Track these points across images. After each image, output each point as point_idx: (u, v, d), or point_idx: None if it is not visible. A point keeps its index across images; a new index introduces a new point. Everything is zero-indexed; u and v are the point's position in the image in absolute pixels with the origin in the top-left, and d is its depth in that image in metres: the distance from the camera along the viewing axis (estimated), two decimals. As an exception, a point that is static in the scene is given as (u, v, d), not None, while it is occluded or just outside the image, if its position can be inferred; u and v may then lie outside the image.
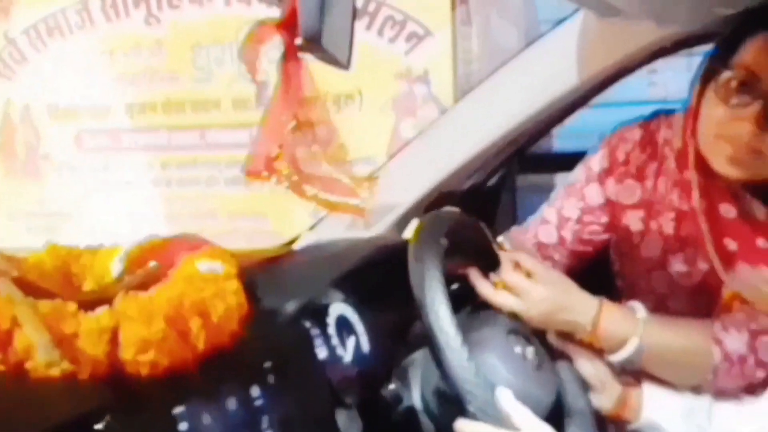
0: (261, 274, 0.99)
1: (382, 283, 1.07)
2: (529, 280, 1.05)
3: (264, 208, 2.40)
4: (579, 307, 1.06)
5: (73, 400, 0.61)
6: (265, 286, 0.97)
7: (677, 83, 1.38)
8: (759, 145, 1.00)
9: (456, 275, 1.12)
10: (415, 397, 1.01)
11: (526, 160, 1.99)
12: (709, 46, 1.10)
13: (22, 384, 0.63)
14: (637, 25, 1.06)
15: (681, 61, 1.39)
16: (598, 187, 1.21)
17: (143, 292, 0.73)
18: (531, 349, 1.01)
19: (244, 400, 0.78)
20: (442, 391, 0.95)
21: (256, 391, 0.80)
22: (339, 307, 1.09)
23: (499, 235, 1.33)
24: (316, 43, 0.62)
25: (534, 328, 1.06)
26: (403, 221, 1.33)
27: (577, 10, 1.15)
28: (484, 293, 1.06)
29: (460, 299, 1.11)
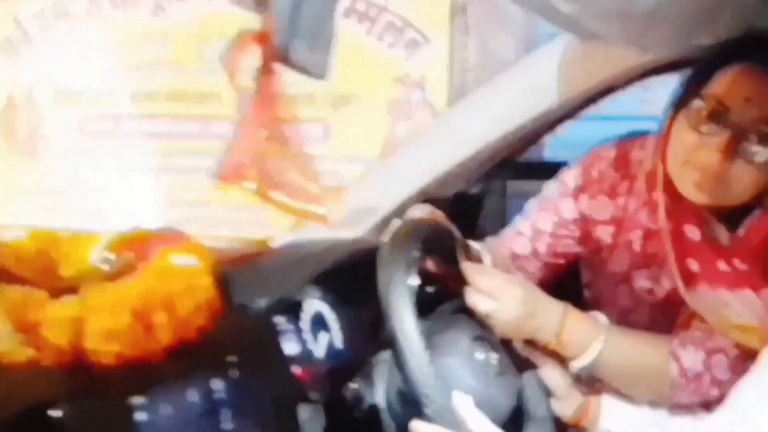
0: (237, 270, 1.02)
1: (360, 283, 1.10)
2: (501, 282, 1.08)
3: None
4: (547, 311, 1.09)
5: (34, 388, 0.64)
6: (240, 281, 1.00)
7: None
8: (724, 174, 1.03)
9: (434, 277, 1.15)
10: (378, 396, 1.03)
11: (518, 167, 2.03)
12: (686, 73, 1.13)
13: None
14: (617, 50, 1.08)
15: (674, 79, 1.41)
16: (572, 202, 1.24)
17: (112, 283, 0.76)
18: (495, 355, 1.04)
19: (205, 392, 0.81)
20: (405, 392, 0.98)
21: (218, 384, 0.83)
22: (315, 304, 1.13)
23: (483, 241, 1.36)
24: (285, 61, 0.65)
25: (502, 337, 1.09)
26: (385, 224, 1.35)
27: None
28: (466, 293, 1.08)
29: (435, 302, 1.15)
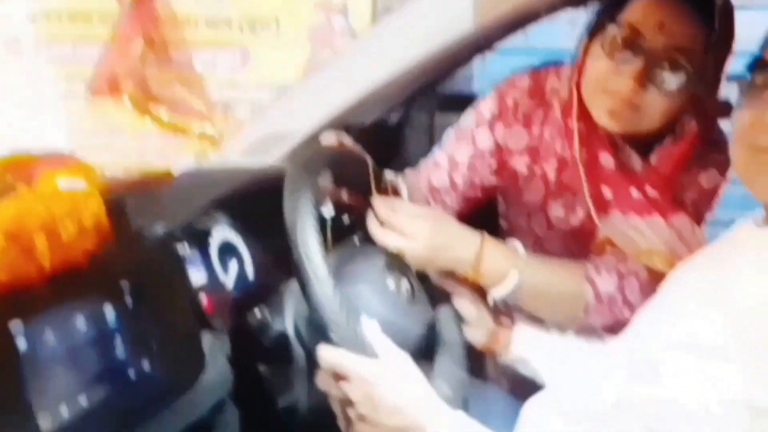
0: (135, 195, 0.97)
1: (271, 211, 1.06)
2: (410, 218, 1.06)
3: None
4: (462, 242, 1.08)
5: None
6: (138, 207, 0.95)
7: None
8: (638, 101, 1.04)
9: (346, 206, 1.13)
10: (287, 323, 1.02)
11: (446, 100, 2.00)
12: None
13: None
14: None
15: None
16: (487, 131, 1.23)
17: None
18: (405, 283, 1.03)
19: (95, 319, 0.77)
20: (312, 318, 0.96)
21: (110, 311, 0.79)
22: (224, 232, 1.09)
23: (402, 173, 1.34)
24: None
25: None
26: (297, 151, 1.31)
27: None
28: (371, 229, 1.06)
29: (348, 230, 1.13)
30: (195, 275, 0.99)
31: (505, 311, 1.15)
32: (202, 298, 0.97)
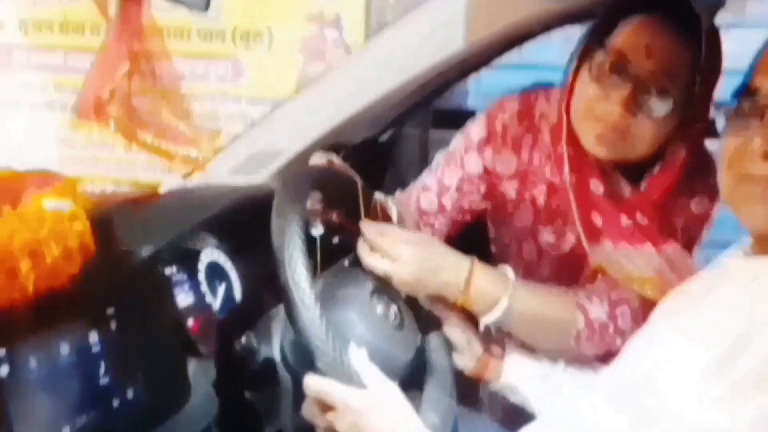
0: (121, 215, 0.96)
1: (259, 232, 1.05)
2: (399, 243, 1.05)
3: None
4: (451, 267, 1.07)
5: None
6: (124, 227, 0.94)
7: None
8: (626, 127, 1.04)
9: (337, 227, 1.12)
10: (274, 349, 1.01)
11: (440, 115, 2.00)
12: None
13: None
14: (522, -5, 1.06)
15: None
16: (476, 156, 1.22)
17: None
18: (394, 309, 1.02)
19: (79, 345, 0.76)
20: (299, 345, 0.95)
21: (94, 336, 0.78)
22: (211, 253, 1.07)
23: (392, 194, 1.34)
24: None
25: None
26: (287, 169, 1.30)
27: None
28: (360, 253, 1.05)
29: (338, 251, 1.12)
30: (182, 297, 0.98)
31: (496, 338, 1.14)
32: (189, 321, 0.96)
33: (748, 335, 0.74)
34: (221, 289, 1.07)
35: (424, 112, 1.96)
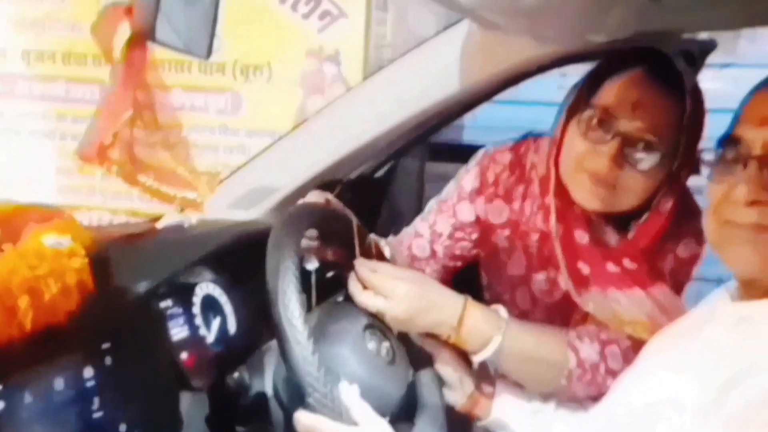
0: (119, 251, 0.97)
1: (256, 267, 1.06)
2: (392, 279, 1.07)
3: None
4: (444, 304, 1.08)
5: None
6: (122, 262, 0.95)
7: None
8: (614, 180, 1.06)
9: (332, 263, 1.13)
10: (267, 384, 1.02)
11: (436, 150, 2.03)
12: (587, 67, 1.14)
13: None
14: (516, 40, 1.09)
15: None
16: (469, 205, 1.24)
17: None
18: (386, 344, 1.03)
19: (74, 380, 0.77)
20: (292, 380, 0.96)
21: (89, 372, 0.79)
22: (207, 287, 1.09)
23: (390, 226, 1.35)
24: (148, 38, 0.60)
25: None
26: (284, 205, 1.32)
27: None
28: (351, 290, 1.07)
29: (333, 285, 1.13)
30: (176, 331, 0.99)
31: (488, 376, 1.15)
32: (183, 355, 0.97)
33: (736, 377, 0.75)
34: (216, 322, 1.08)
35: (421, 146, 2.00)
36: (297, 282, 0.91)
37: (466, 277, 1.30)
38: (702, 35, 1.29)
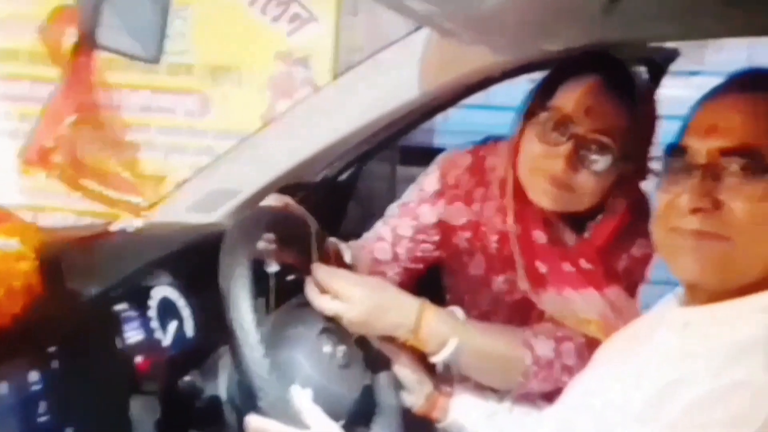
0: (72, 254, 0.96)
1: (213, 270, 1.06)
2: (349, 283, 1.07)
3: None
4: (401, 307, 1.09)
5: None
6: (74, 266, 0.94)
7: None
8: (570, 182, 1.09)
9: (291, 266, 1.13)
10: (221, 388, 1.01)
11: (407, 153, 2.04)
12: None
13: None
14: (472, 48, 1.10)
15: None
16: (430, 207, 1.25)
17: None
18: (342, 348, 1.03)
19: (18, 384, 0.76)
20: (245, 384, 0.96)
21: (34, 375, 0.78)
22: (164, 290, 1.08)
23: (362, 229, 1.35)
24: (91, 43, 0.60)
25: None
26: (245, 209, 1.31)
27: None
28: (309, 294, 1.07)
29: (293, 288, 1.13)
30: (131, 334, 0.98)
31: (447, 377, 1.15)
32: (138, 358, 0.96)
33: (680, 380, 0.77)
34: (173, 326, 1.08)
35: (391, 150, 2.00)
36: (250, 285, 0.91)
37: (429, 281, 1.31)
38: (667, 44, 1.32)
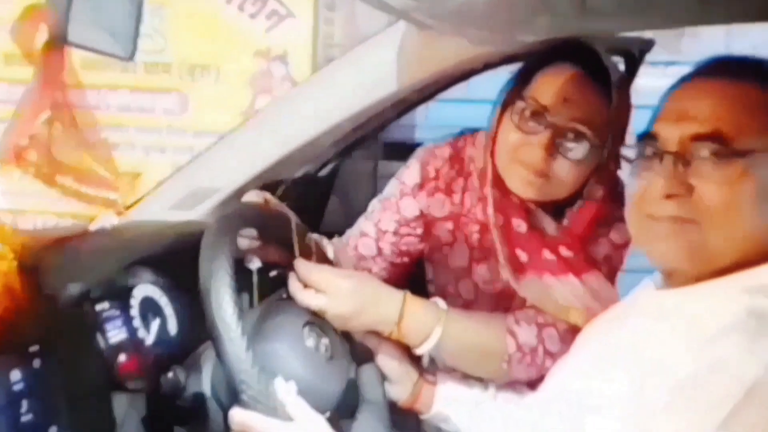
0: (52, 254, 0.96)
1: (195, 267, 1.06)
2: (331, 277, 1.07)
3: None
4: (384, 300, 1.09)
5: None
6: (55, 266, 0.94)
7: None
8: (548, 170, 1.10)
9: (273, 261, 1.13)
10: (205, 384, 1.01)
11: (389, 148, 2.04)
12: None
13: None
14: (450, 41, 1.10)
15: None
16: (412, 200, 1.26)
17: None
18: (325, 341, 1.04)
19: (1, 384, 0.76)
20: (228, 378, 0.96)
21: (16, 375, 0.78)
22: (146, 289, 1.08)
23: (345, 225, 1.35)
24: (62, 40, 0.60)
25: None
26: (226, 206, 1.31)
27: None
28: (292, 289, 1.07)
29: (276, 282, 1.13)
30: (113, 333, 0.98)
31: (429, 368, 1.16)
32: (121, 357, 0.96)
33: (661, 361, 0.78)
34: (156, 324, 1.08)
35: (373, 145, 2.01)
36: (230, 280, 0.91)
37: (414, 275, 1.32)
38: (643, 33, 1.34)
